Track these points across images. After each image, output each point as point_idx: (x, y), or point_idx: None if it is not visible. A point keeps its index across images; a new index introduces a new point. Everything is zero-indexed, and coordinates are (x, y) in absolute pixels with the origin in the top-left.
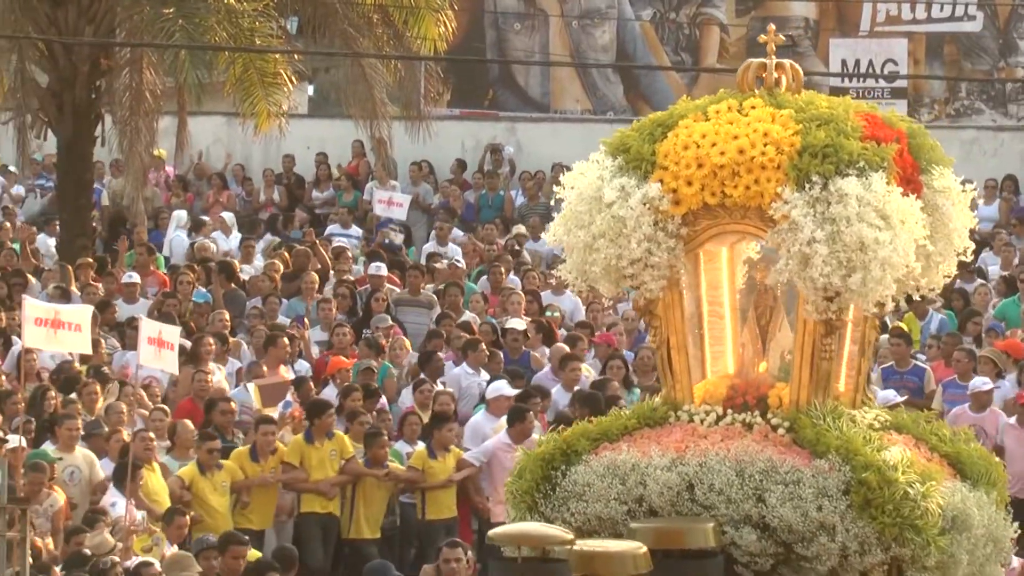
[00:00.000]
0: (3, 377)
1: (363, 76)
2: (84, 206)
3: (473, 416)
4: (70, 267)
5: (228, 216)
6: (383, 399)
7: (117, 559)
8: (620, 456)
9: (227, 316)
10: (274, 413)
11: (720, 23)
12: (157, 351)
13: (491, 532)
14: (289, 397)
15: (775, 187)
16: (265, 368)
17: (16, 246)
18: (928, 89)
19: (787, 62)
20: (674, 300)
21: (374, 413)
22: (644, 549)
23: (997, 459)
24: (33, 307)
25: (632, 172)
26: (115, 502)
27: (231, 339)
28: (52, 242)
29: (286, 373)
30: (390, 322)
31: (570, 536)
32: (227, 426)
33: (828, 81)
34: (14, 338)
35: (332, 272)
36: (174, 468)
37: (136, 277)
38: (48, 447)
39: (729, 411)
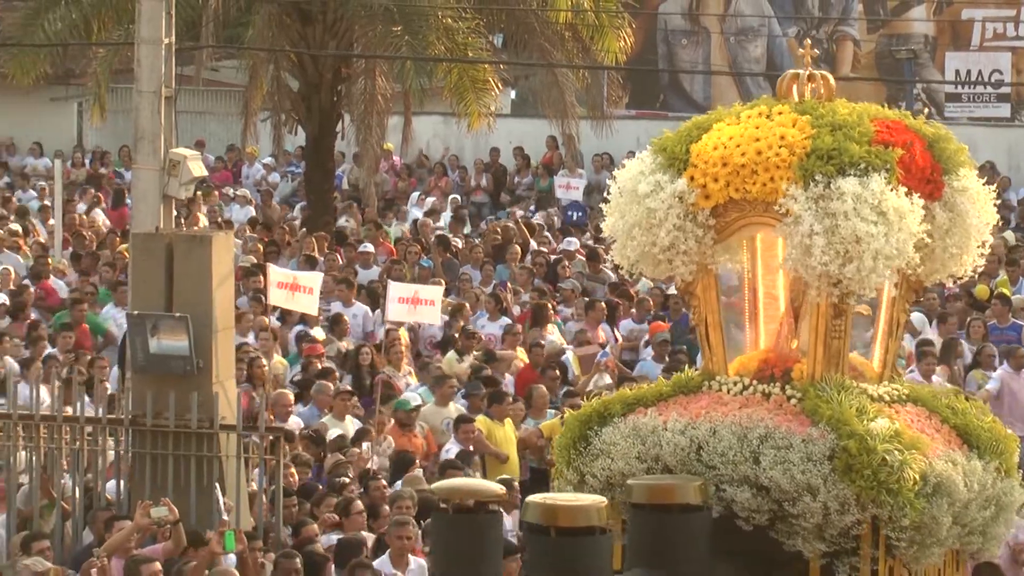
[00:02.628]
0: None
1: (556, 83)
2: (327, 189)
3: None
4: (315, 239)
5: (447, 200)
6: None
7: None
8: (643, 419)
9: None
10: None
11: (853, 39)
12: (412, 308)
13: (434, 485)
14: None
15: (786, 185)
16: (589, 333)
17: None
18: None
19: (819, 73)
20: (710, 283)
21: None
22: (605, 502)
23: (1009, 431)
24: (276, 272)
25: (668, 169)
26: (449, 448)
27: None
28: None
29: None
30: (574, 285)
31: (502, 491)
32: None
33: (944, 88)
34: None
35: (531, 245)
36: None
37: (370, 247)
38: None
39: (755, 382)
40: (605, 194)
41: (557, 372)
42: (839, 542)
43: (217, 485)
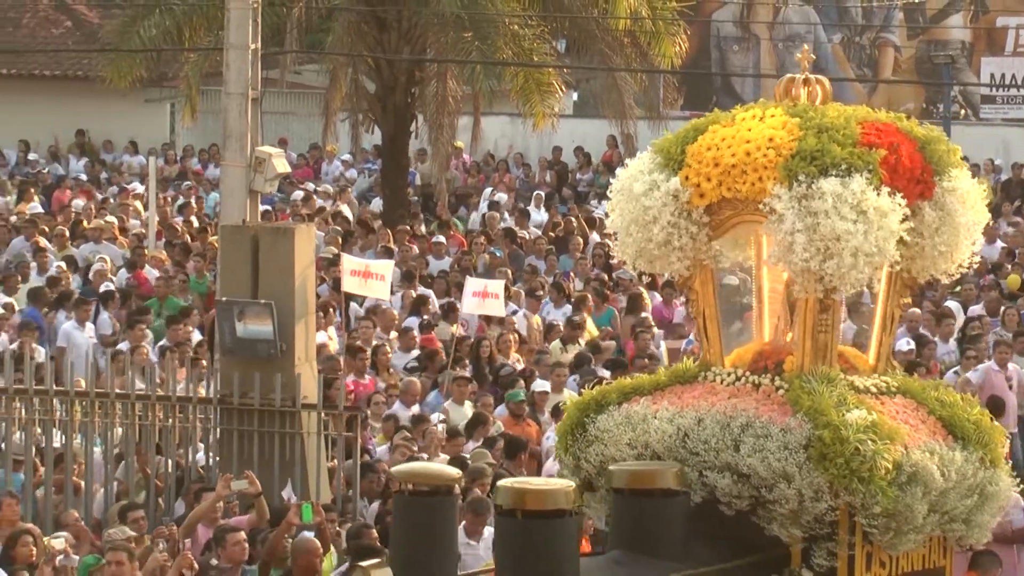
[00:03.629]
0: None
1: (615, 85)
2: (401, 185)
3: None
4: (390, 231)
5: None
6: None
7: None
8: (635, 408)
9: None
10: None
11: (894, 45)
12: (481, 301)
13: (392, 469)
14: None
15: (771, 184)
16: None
17: (349, 213)
18: None
19: (815, 77)
20: (707, 278)
21: None
22: (573, 486)
23: (996, 423)
24: (349, 261)
25: (664, 168)
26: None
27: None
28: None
29: None
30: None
31: (457, 475)
32: None
33: (980, 91)
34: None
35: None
36: None
37: (442, 239)
38: None
39: (747, 373)
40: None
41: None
42: (815, 528)
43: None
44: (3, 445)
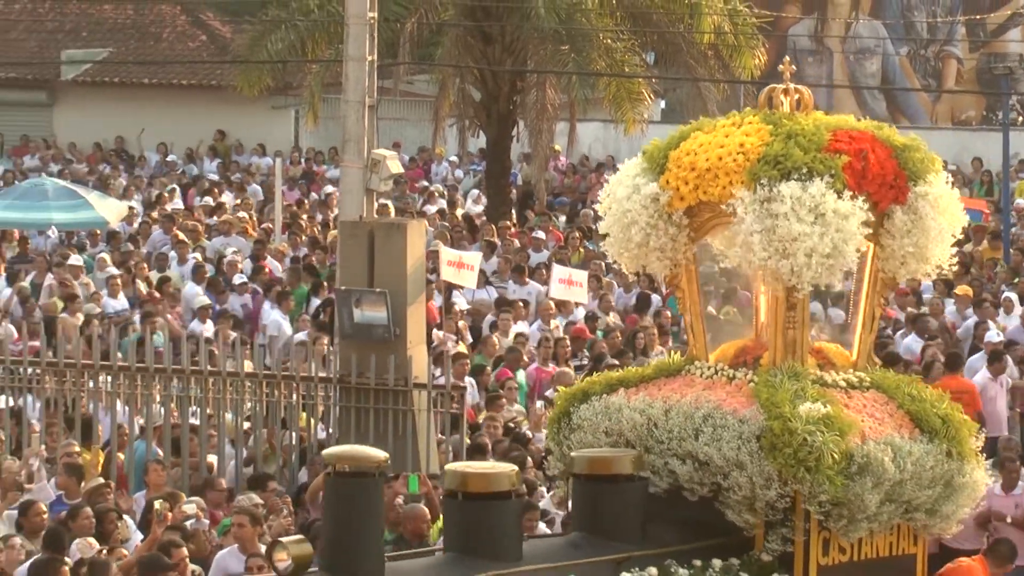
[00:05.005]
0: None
1: (699, 94)
2: (504, 184)
3: None
4: (494, 226)
5: None
6: None
7: None
8: (614, 398)
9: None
10: None
11: (957, 57)
12: (567, 287)
13: (323, 452)
14: None
15: (735, 188)
16: None
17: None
18: None
19: (794, 86)
20: (692, 277)
21: None
22: (516, 469)
23: (965, 418)
24: (447, 252)
25: (648, 173)
26: None
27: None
28: (480, 209)
29: None
30: None
31: (383, 457)
32: None
33: None
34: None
35: None
36: None
37: (541, 234)
38: None
39: (725, 367)
40: None
41: None
42: (768, 514)
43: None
44: (144, 420)
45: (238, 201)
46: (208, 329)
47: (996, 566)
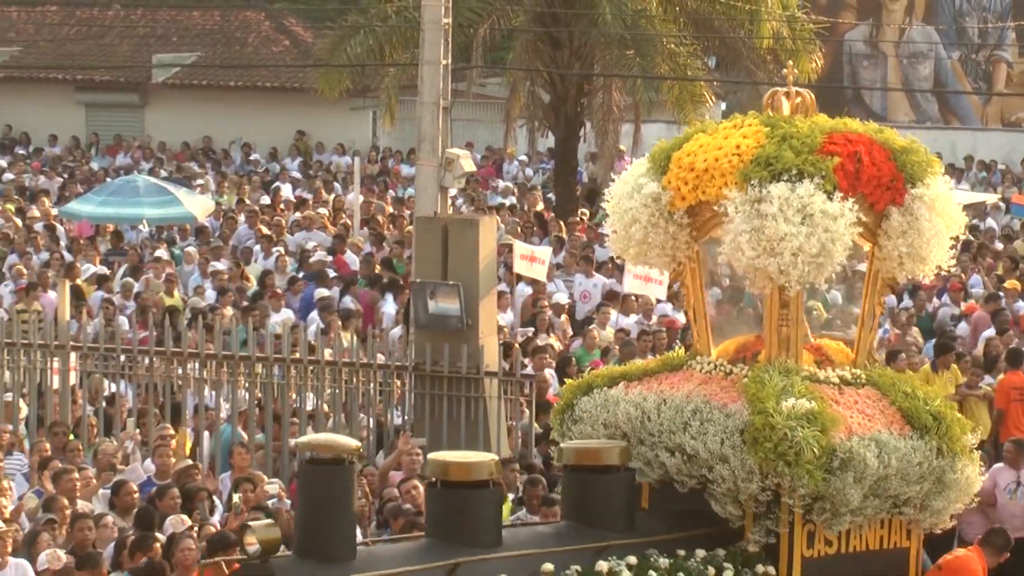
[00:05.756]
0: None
1: (759, 97)
2: (571, 182)
3: None
4: (562, 222)
5: None
6: None
7: None
8: (614, 391)
9: None
10: None
11: (1007, 61)
12: (644, 283)
13: (296, 440)
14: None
15: (728, 189)
16: None
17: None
18: None
19: (795, 89)
20: (695, 274)
21: None
22: (497, 459)
23: (958, 415)
24: (520, 247)
25: (652, 173)
26: None
27: None
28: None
29: None
30: None
31: (356, 445)
32: None
33: None
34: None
35: None
36: None
37: (607, 229)
38: None
39: (725, 363)
40: None
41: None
42: (751, 506)
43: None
44: (229, 405)
45: (318, 198)
46: (289, 317)
47: (991, 555)
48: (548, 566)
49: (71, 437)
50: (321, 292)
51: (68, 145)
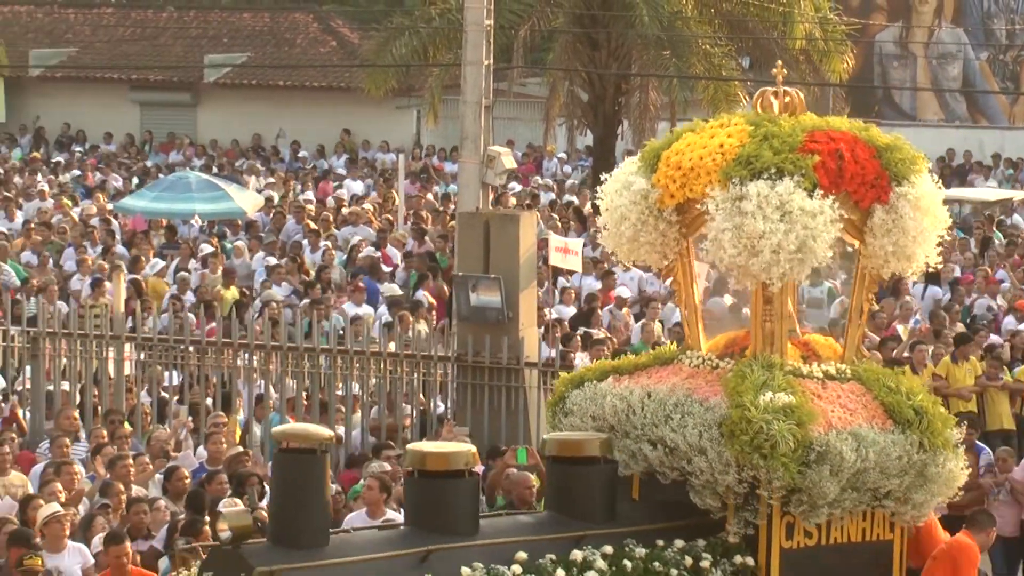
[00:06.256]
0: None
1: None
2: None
3: None
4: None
5: None
6: None
7: None
8: (603, 385)
9: None
10: None
11: None
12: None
13: (273, 429)
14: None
15: (710, 187)
16: None
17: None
18: None
19: (784, 88)
20: (686, 269)
21: None
22: (475, 449)
23: (942, 410)
24: (555, 239)
25: (642, 171)
26: None
27: None
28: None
29: None
30: None
31: (329, 435)
32: None
33: None
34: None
35: None
36: None
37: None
38: None
39: (713, 357)
40: None
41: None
42: (730, 498)
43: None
44: (277, 394)
45: (364, 193)
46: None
47: (979, 535)
48: (521, 554)
49: (125, 425)
50: (392, 288)
51: (123, 142)
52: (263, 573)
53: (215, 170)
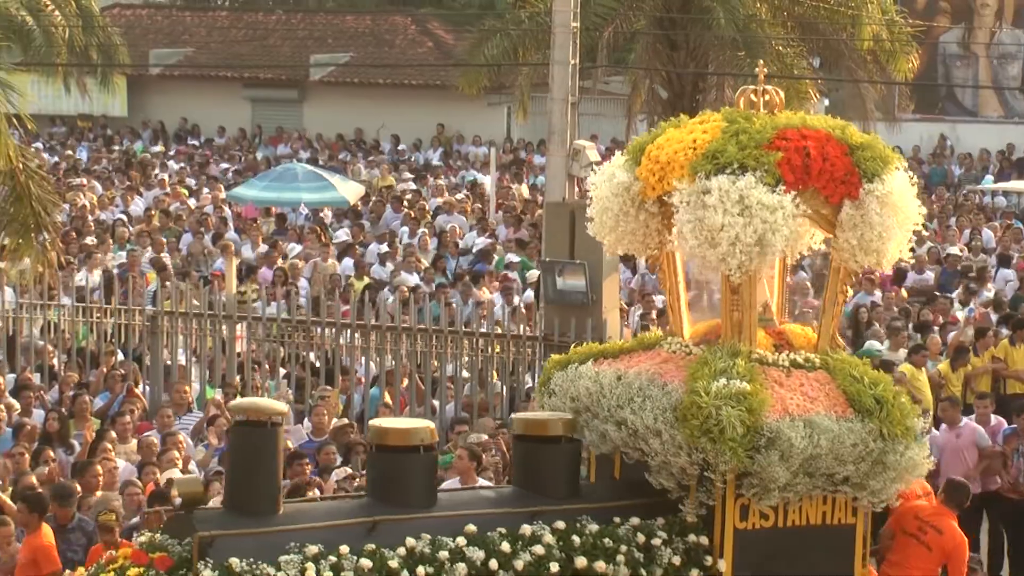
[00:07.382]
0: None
1: (859, 94)
2: None
3: None
4: None
5: None
6: None
7: None
8: (583, 367)
9: None
10: None
11: None
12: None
13: (230, 403)
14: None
15: (677, 181)
16: None
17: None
18: None
19: (768, 87)
20: (671, 259)
21: None
22: (433, 426)
23: (903, 401)
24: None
25: (628, 164)
26: None
27: None
28: None
29: None
30: None
31: (284, 409)
32: None
33: None
34: None
35: None
36: None
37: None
38: None
39: (689, 344)
40: None
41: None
42: (683, 479)
43: None
44: (378, 369)
45: (458, 184)
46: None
47: (955, 508)
48: (471, 527)
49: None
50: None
51: (235, 136)
52: (203, 537)
53: (320, 162)
